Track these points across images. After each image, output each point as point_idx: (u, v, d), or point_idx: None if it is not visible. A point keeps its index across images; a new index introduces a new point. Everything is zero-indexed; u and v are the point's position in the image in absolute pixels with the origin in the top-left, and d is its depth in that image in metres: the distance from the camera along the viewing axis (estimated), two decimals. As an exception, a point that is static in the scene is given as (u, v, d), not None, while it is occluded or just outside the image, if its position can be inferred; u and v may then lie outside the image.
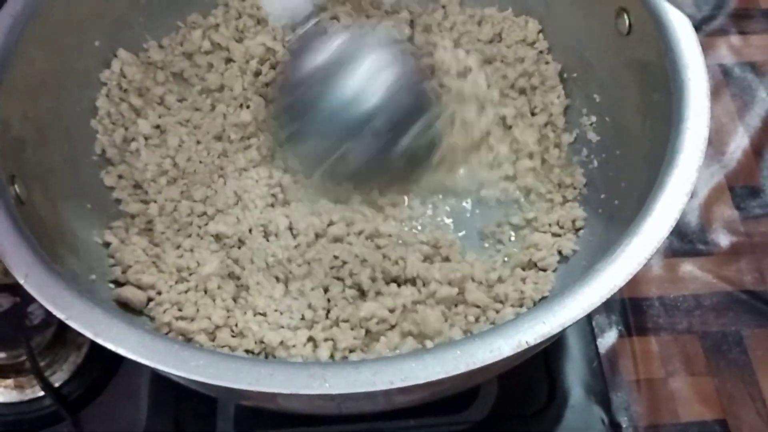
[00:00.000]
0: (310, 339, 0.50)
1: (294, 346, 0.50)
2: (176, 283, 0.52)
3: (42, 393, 0.56)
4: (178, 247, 0.54)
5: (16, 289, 0.56)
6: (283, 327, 0.50)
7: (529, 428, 0.57)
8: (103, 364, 0.58)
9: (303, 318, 0.51)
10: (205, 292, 0.52)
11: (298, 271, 0.53)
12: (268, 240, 0.54)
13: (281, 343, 0.50)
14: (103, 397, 0.57)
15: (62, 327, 0.57)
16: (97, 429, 0.56)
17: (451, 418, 0.56)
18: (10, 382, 0.57)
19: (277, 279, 0.53)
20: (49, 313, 0.55)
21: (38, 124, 0.51)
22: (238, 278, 0.53)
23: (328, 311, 0.52)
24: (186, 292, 0.52)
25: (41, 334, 0.56)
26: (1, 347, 0.56)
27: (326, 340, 0.50)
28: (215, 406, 0.56)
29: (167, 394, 0.57)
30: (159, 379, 0.57)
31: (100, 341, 0.38)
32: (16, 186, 0.46)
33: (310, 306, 0.52)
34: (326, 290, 0.53)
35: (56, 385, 0.56)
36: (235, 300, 0.52)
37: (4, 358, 0.55)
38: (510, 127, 0.60)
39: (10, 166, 0.46)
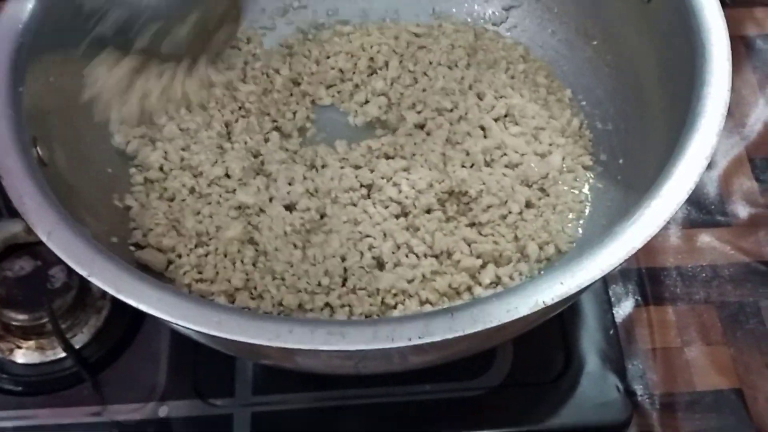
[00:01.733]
0: (327, 305, 0.51)
1: (311, 309, 0.50)
2: (196, 246, 0.53)
3: (63, 354, 0.57)
4: (198, 213, 0.55)
5: (37, 252, 0.57)
6: (300, 291, 0.51)
7: (544, 395, 0.57)
8: (124, 327, 0.58)
9: (320, 284, 0.51)
10: (225, 255, 0.52)
11: (315, 239, 0.53)
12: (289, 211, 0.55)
13: (299, 306, 0.50)
14: (122, 359, 0.58)
15: (83, 290, 0.58)
16: (116, 391, 0.57)
17: (467, 384, 0.57)
18: (31, 343, 0.58)
19: (295, 246, 0.53)
20: (70, 276, 0.57)
21: (61, 89, 0.52)
22: (257, 244, 0.54)
23: (345, 280, 0.52)
24: (206, 255, 0.52)
25: (62, 297, 0.57)
26: (23, 309, 0.56)
27: (343, 306, 0.51)
28: (234, 370, 0.57)
29: (186, 358, 0.57)
30: (178, 342, 0.58)
31: (122, 297, 0.39)
32: (38, 148, 0.47)
33: (326, 273, 0.52)
34: (343, 259, 0.53)
35: (77, 347, 0.57)
36: (254, 264, 0.53)
37: (26, 320, 0.56)
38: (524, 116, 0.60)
39: (33, 128, 0.47)
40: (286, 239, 0.53)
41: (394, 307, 0.51)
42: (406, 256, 0.53)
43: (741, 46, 0.77)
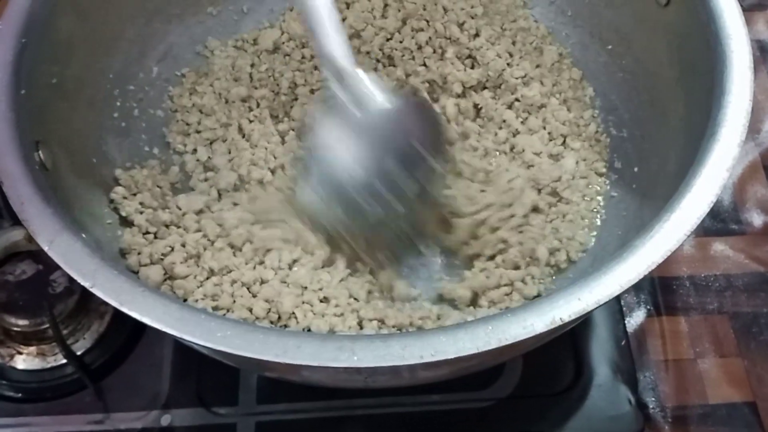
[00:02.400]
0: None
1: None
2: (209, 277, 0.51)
3: (64, 361, 0.56)
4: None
5: (39, 256, 0.56)
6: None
7: (554, 407, 0.56)
8: (126, 333, 0.57)
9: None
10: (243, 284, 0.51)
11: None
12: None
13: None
14: (125, 366, 0.57)
15: (85, 295, 0.57)
16: (118, 398, 0.56)
17: (475, 395, 0.56)
18: (32, 349, 0.57)
19: None
20: (72, 281, 0.56)
21: (63, 91, 0.51)
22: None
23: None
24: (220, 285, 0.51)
25: (64, 302, 0.56)
26: (24, 315, 0.55)
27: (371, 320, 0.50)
28: (237, 378, 0.56)
29: (190, 365, 0.56)
30: (182, 349, 0.57)
31: (125, 310, 0.38)
32: (41, 152, 0.46)
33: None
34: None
35: (78, 353, 0.56)
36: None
37: (27, 325, 0.55)
38: (543, 106, 0.59)
39: (35, 131, 0.46)
40: None
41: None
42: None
43: (756, 50, 0.75)
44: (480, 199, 0.54)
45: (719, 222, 0.66)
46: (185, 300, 0.49)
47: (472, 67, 0.61)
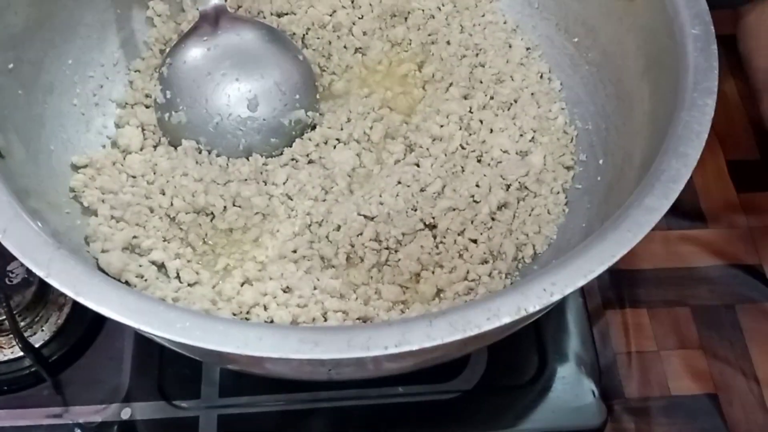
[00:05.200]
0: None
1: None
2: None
3: (21, 353, 0.54)
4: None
5: (-5, 246, 0.55)
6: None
7: (518, 399, 0.56)
8: (85, 326, 0.56)
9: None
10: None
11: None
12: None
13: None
14: (84, 359, 0.56)
15: (43, 286, 0.56)
16: (77, 391, 0.55)
17: (440, 387, 0.55)
18: (-12, 341, 0.55)
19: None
20: (29, 273, 0.55)
21: (20, 77, 0.50)
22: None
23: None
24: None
25: (21, 293, 0.55)
26: (-21, 306, 0.54)
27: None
28: (200, 371, 0.55)
29: (150, 358, 0.55)
30: (142, 342, 0.56)
31: (81, 300, 0.37)
32: (-5, 139, 0.44)
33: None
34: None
35: (36, 345, 0.55)
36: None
37: (-18, 317, 0.54)
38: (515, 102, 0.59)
39: (-11, 118, 0.45)
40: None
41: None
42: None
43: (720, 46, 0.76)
44: (440, 205, 0.53)
45: (682, 215, 0.67)
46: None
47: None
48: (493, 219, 0.53)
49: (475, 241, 0.52)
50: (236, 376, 0.55)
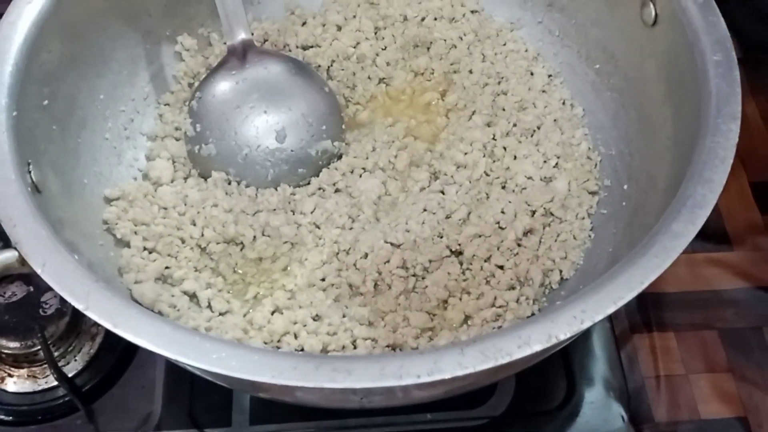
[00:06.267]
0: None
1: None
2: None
3: (55, 383, 0.55)
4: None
5: (29, 278, 0.56)
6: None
7: (547, 424, 0.56)
8: (117, 355, 0.57)
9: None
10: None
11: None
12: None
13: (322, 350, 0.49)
14: (116, 388, 0.57)
15: (76, 317, 0.57)
16: (110, 420, 0.55)
17: (468, 413, 0.56)
18: (23, 371, 0.56)
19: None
20: (63, 303, 0.56)
21: (54, 112, 0.51)
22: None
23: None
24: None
25: (55, 323, 0.56)
26: (15, 337, 0.55)
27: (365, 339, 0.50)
28: (230, 399, 0.56)
29: (181, 386, 0.56)
30: (173, 370, 0.56)
31: (119, 332, 0.38)
32: (32, 173, 0.46)
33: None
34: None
35: (70, 375, 0.56)
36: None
37: (18, 347, 0.55)
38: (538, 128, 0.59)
39: (26, 152, 0.46)
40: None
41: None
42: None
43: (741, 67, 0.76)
44: (465, 231, 0.54)
45: (707, 238, 0.67)
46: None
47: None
48: (519, 245, 0.54)
49: (501, 267, 0.53)
50: (266, 403, 0.55)
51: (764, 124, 0.74)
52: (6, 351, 0.55)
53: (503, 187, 0.57)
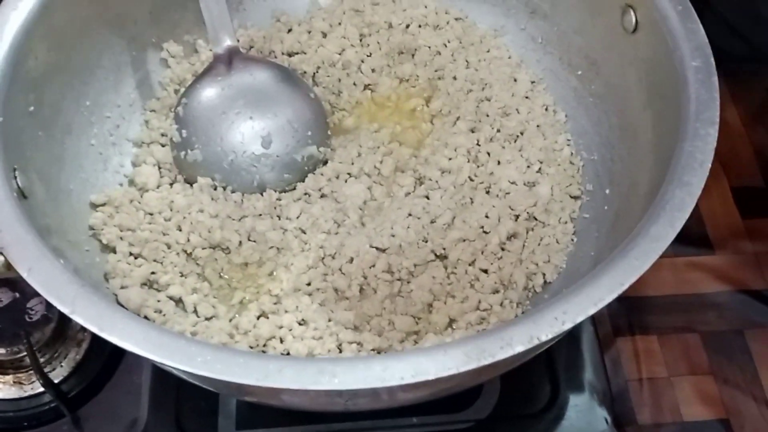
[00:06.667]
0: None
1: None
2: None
3: (41, 389, 0.55)
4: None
5: (15, 284, 0.56)
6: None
7: (531, 428, 0.57)
8: (104, 361, 0.57)
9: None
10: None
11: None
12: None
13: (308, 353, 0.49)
14: (103, 394, 0.57)
15: (62, 323, 0.57)
16: (97, 426, 0.56)
17: (454, 417, 0.56)
18: (9, 378, 0.56)
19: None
20: (49, 309, 0.56)
21: (40, 119, 0.51)
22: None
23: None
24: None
25: (41, 330, 0.56)
26: (1, 343, 0.55)
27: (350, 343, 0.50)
28: (217, 404, 0.56)
29: (168, 392, 0.56)
30: (160, 376, 0.56)
31: (105, 336, 0.38)
32: (18, 180, 0.46)
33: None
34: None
35: (56, 381, 0.56)
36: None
37: (4, 354, 0.55)
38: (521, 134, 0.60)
39: (12, 158, 0.46)
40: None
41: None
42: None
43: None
44: (450, 236, 0.55)
45: (688, 242, 0.68)
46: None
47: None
48: (503, 249, 0.54)
49: (485, 271, 0.53)
50: (252, 408, 0.55)
51: (745, 130, 0.75)
52: (-8, 357, 0.55)
53: (487, 192, 0.57)
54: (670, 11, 0.50)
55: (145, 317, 0.49)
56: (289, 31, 0.65)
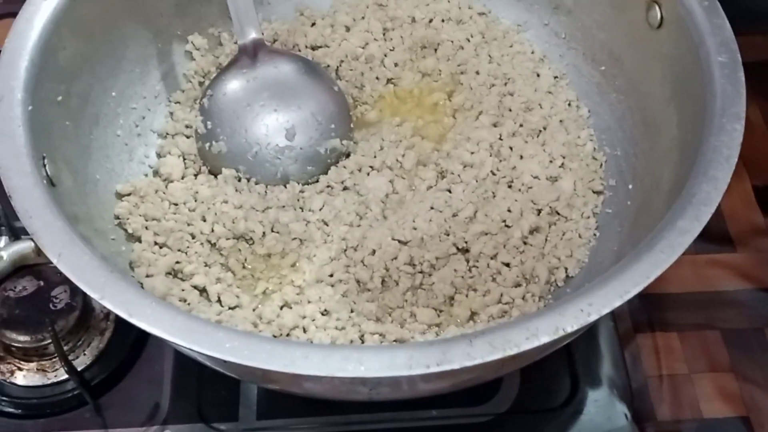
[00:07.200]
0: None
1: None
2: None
3: (64, 377, 0.56)
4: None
5: (40, 272, 0.57)
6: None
7: (551, 422, 0.57)
8: (126, 349, 0.58)
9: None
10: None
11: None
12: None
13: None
14: (125, 382, 0.57)
15: (86, 312, 0.57)
16: (119, 414, 0.56)
17: (473, 410, 0.56)
18: (33, 365, 0.57)
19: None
20: (73, 298, 0.57)
21: (68, 109, 0.52)
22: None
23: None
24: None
25: (65, 318, 0.56)
26: (26, 331, 0.56)
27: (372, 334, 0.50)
28: (238, 393, 0.56)
29: (190, 381, 0.57)
30: (182, 365, 0.57)
31: (134, 321, 0.38)
32: (47, 168, 0.46)
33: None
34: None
35: (79, 369, 0.56)
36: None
37: (28, 341, 0.55)
38: (544, 129, 0.60)
39: (41, 146, 0.46)
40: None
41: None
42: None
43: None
44: (472, 229, 0.55)
45: (710, 240, 0.67)
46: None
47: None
48: (525, 243, 0.55)
49: (507, 265, 0.54)
50: (273, 398, 0.56)
51: (767, 127, 0.74)
52: (16, 345, 0.56)
53: (509, 186, 0.57)
54: (695, 6, 0.50)
55: (170, 305, 0.50)
56: (313, 24, 0.66)
